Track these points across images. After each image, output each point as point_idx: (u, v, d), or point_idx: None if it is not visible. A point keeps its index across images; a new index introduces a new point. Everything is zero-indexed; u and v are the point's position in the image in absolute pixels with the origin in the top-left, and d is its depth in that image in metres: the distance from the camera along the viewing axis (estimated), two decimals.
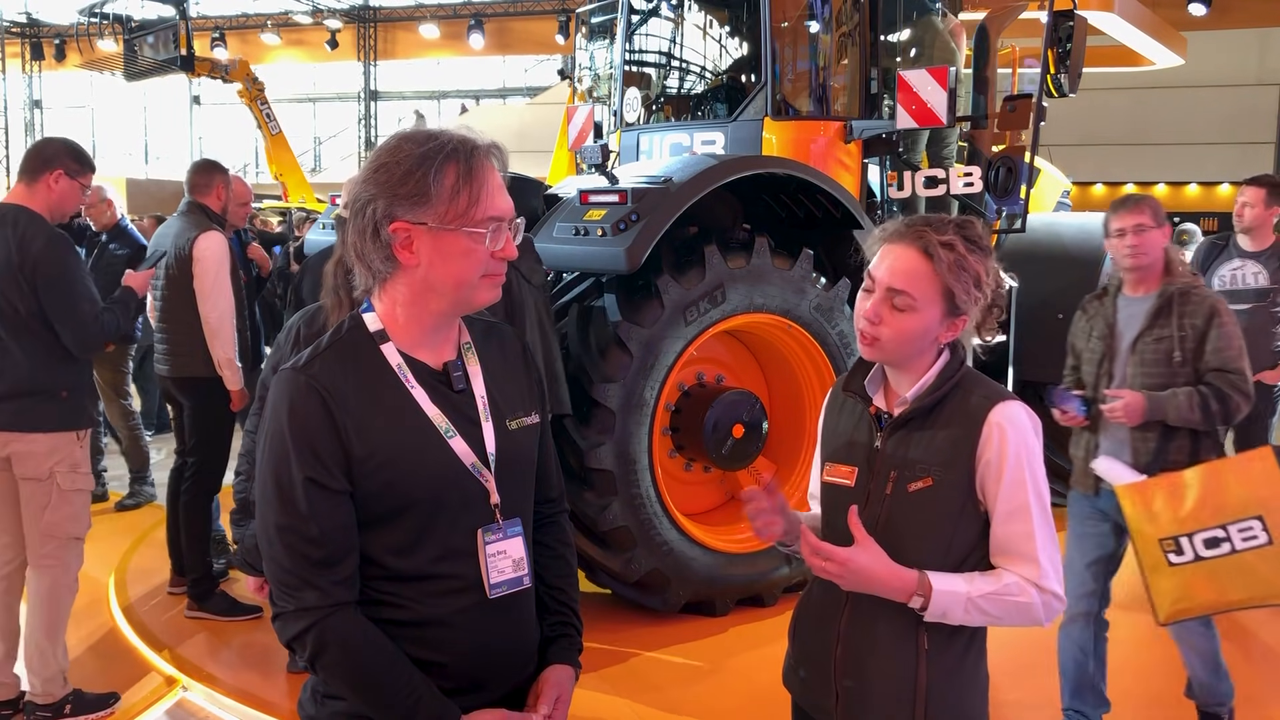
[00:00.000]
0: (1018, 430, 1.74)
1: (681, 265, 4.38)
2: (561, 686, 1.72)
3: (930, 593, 1.69)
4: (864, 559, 1.70)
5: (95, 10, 20.03)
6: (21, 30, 27.94)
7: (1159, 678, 4.15)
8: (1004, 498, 1.73)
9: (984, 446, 1.73)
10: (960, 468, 1.74)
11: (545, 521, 1.84)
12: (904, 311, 1.76)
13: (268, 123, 16.38)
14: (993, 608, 1.71)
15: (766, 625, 4.56)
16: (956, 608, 1.70)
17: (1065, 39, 5.29)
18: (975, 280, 1.77)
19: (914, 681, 1.76)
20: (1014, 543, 1.73)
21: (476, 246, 1.54)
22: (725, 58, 6.07)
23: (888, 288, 1.77)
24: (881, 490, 1.79)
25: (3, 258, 3.46)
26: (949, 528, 1.76)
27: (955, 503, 1.75)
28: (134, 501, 6.41)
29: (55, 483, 3.56)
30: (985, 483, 1.74)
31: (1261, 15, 18.29)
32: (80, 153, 3.67)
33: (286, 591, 1.53)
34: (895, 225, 1.83)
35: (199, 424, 4.71)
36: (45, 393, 3.53)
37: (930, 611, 1.70)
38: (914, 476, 1.76)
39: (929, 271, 1.75)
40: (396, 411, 1.57)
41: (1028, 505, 1.73)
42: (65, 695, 3.64)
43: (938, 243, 1.75)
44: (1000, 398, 1.77)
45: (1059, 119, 7.40)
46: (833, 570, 1.71)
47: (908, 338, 1.77)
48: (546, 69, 26.62)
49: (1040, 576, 1.72)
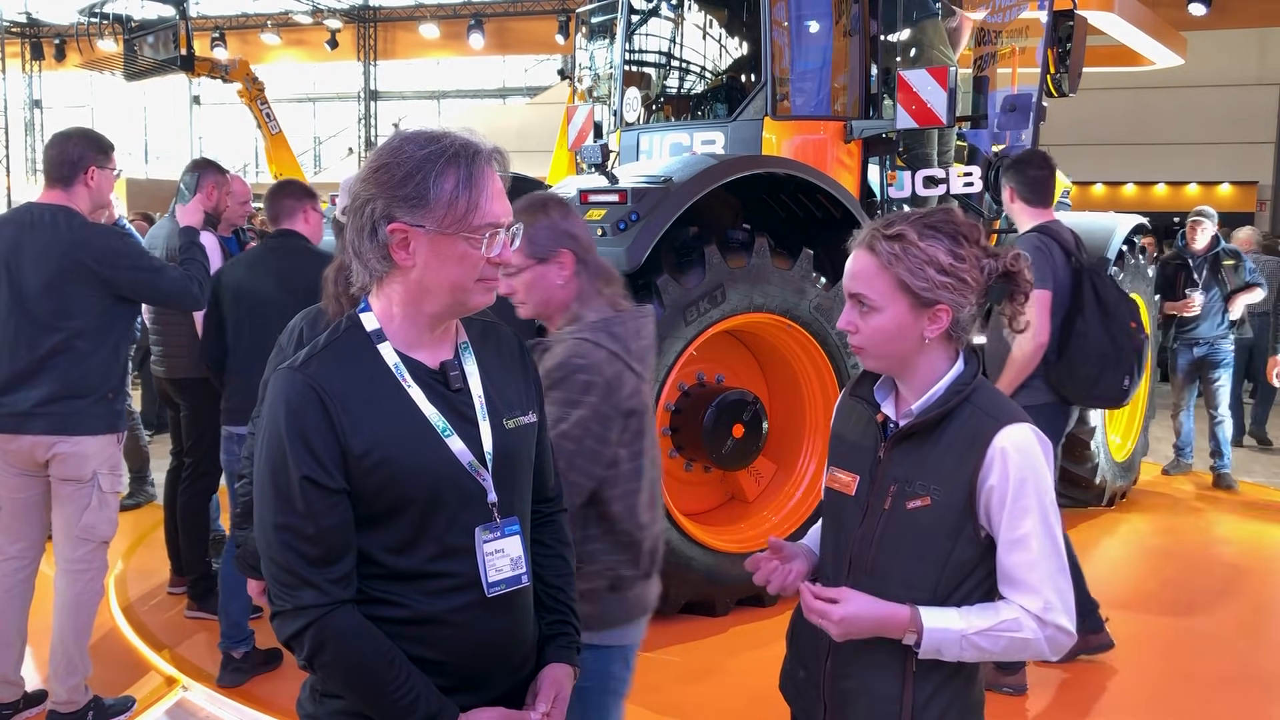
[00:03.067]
0: (1024, 456, 1.67)
1: (681, 265, 4.38)
2: (560, 685, 1.72)
3: (921, 630, 1.65)
4: (850, 607, 1.67)
5: (95, 10, 20.02)
6: (21, 30, 27.92)
7: (1160, 677, 4.15)
8: (1007, 525, 1.67)
9: (987, 471, 1.67)
10: (959, 490, 1.69)
11: (543, 521, 1.83)
12: (870, 312, 1.75)
13: (268, 122, 16.38)
14: (989, 644, 1.66)
15: (766, 625, 4.56)
16: (951, 645, 1.66)
17: (1065, 39, 5.29)
18: (934, 265, 1.69)
19: (899, 702, 1.73)
20: (1018, 572, 1.67)
21: (473, 252, 1.54)
22: (725, 58, 6.07)
23: (849, 293, 1.78)
24: (880, 504, 1.75)
25: (62, 261, 3.43)
26: (945, 548, 1.70)
27: (952, 524, 1.70)
28: (134, 501, 6.41)
29: (98, 484, 3.55)
30: (989, 509, 1.68)
31: (1261, 15, 18.27)
32: (100, 140, 3.67)
33: (284, 590, 1.53)
34: (857, 235, 1.81)
35: (196, 425, 4.70)
36: (94, 394, 3.51)
37: (924, 649, 1.67)
38: (913, 494, 1.71)
39: (877, 267, 1.73)
40: (394, 410, 1.57)
41: (1031, 534, 1.66)
42: (87, 703, 3.62)
43: (881, 237, 1.73)
44: (1009, 419, 1.70)
45: (1059, 119, 7.40)
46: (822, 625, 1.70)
47: (883, 338, 1.74)
48: (546, 69, 26.61)
49: (1044, 609, 1.65)
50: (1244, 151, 20.34)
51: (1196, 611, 4.86)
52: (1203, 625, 4.70)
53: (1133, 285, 6.39)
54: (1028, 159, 4.11)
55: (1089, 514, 6.33)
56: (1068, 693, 3.99)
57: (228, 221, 4.94)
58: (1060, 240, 3.82)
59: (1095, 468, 6.09)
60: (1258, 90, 20.58)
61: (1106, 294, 3.78)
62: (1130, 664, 4.18)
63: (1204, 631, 4.64)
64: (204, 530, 4.72)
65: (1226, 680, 4.13)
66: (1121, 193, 22.00)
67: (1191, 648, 4.46)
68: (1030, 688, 3.91)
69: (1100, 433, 6.05)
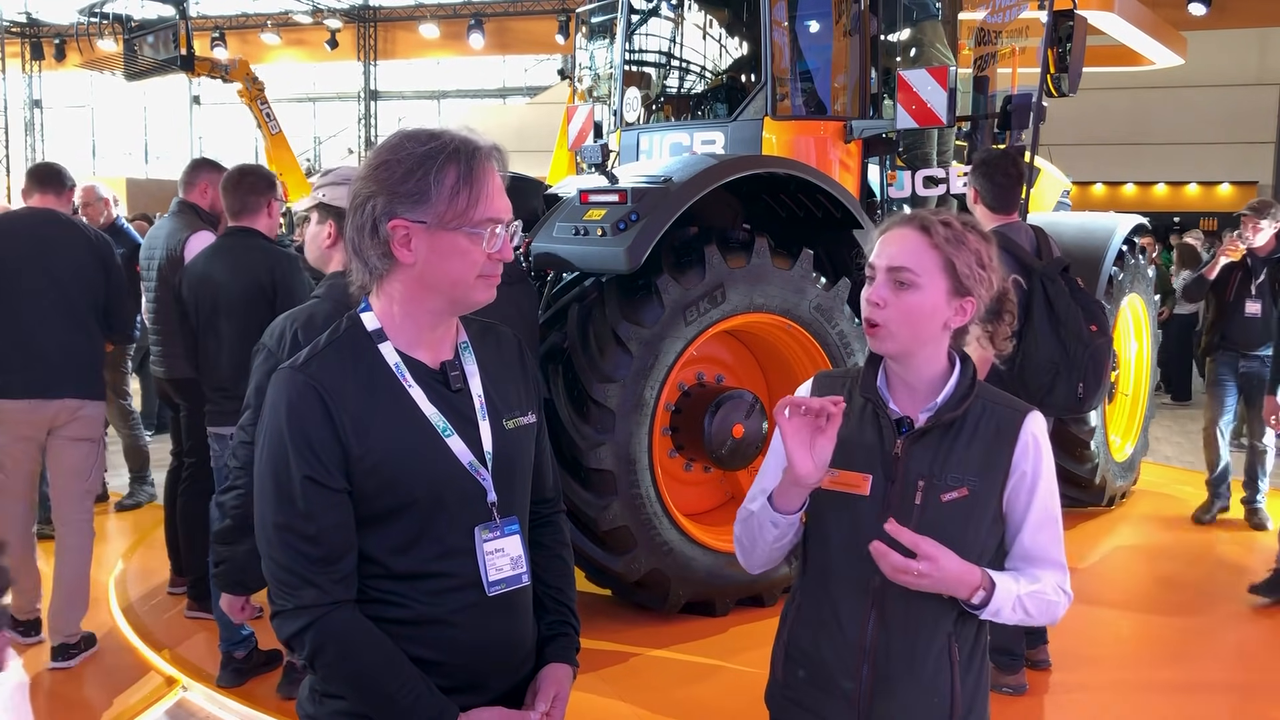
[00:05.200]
0: (1047, 442, 1.79)
1: (681, 265, 4.38)
2: (559, 685, 1.72)
3: (993, 589, 1.69)
4: (949, 560, 1.65)
5: (95, 10, 20.04)
6: (21, 30, 27.93)
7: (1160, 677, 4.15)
8: (1037, 507, 1.76)
9: (1020, 457, 1.75)
10: (995, 478, 1.75)
11: (542, 521, 1.84)
12: (907, 288, 1.73)
13: (268, 122, 16.36)
14: (1032, 606, 1.73)
15: (766, 625, 4.55)
16: (1007, 604, 1.71)
17: (1065, 39, 5.29)
18: (978, 258, 1.75)
19: (950, 692, 1.76)
20: (1045, 550, 1.77)
21: (474, 247, 1.55)
22: (725, 58, 6.07)
23: (888, 268, 1.75)
24: (910, 500, 1.73)
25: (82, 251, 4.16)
26: (982, 537, 1.76)
27: (990, 512, 1.75)
28: (134, 501, 6.41)
29: (104, 443, 4.37)
30: (1017, 493, 1.76)
31: (1261, 15, 18.28)
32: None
33: (285, 590, 1.53)
34: (892, 218, 1.84)
35: (196, 425, 4.70)
36: (100, 363, 4.31)
37: (989, 607, 1.71)
38: (947, 487, 1.73)
39: (927, 245, 1.74)
40: (394, 411, 1.57)
41: (1057, 514, 1.78)
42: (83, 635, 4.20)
43: (935, 220, 1.76)
44: (1027, 408, 1.79)
45: (1059, 119, 7.40)
46: (925, 571, 1.63)
47: (914, 318, 1.73)
48: (546, 69, 26.62)
49: (1064, 580, 1.78)
50: (1244, 151, 20.37)
51: (1196, 611, 4.85)
52: (1203, 625, 4.70)
53: (1133, 285, 6.40)
54: (997, 164, 3.96)
55: (1089, 514, 6.33)
56: (1067, 693, 3.99)
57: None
58: (1013, 248, 3.69)
59: (1095, 468, 6.09)
60: (1258, 90, 20.60)
61: (1057, 300, 3.68)
62: (1130, 664, 4.18)
63: (1204, 631, 4.63)
64: (204, 530, 4.70)
65: (1227, 681, 4.14)
66: (1121, 193, 22.02)
67: (1191, 648, 4.46)
68: (1030, 688, 3.91)
69: (1100, 433, 6.05)
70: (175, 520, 4.76)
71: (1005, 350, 1.86)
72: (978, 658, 1.82)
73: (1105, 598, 5.01)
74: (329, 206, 2.83)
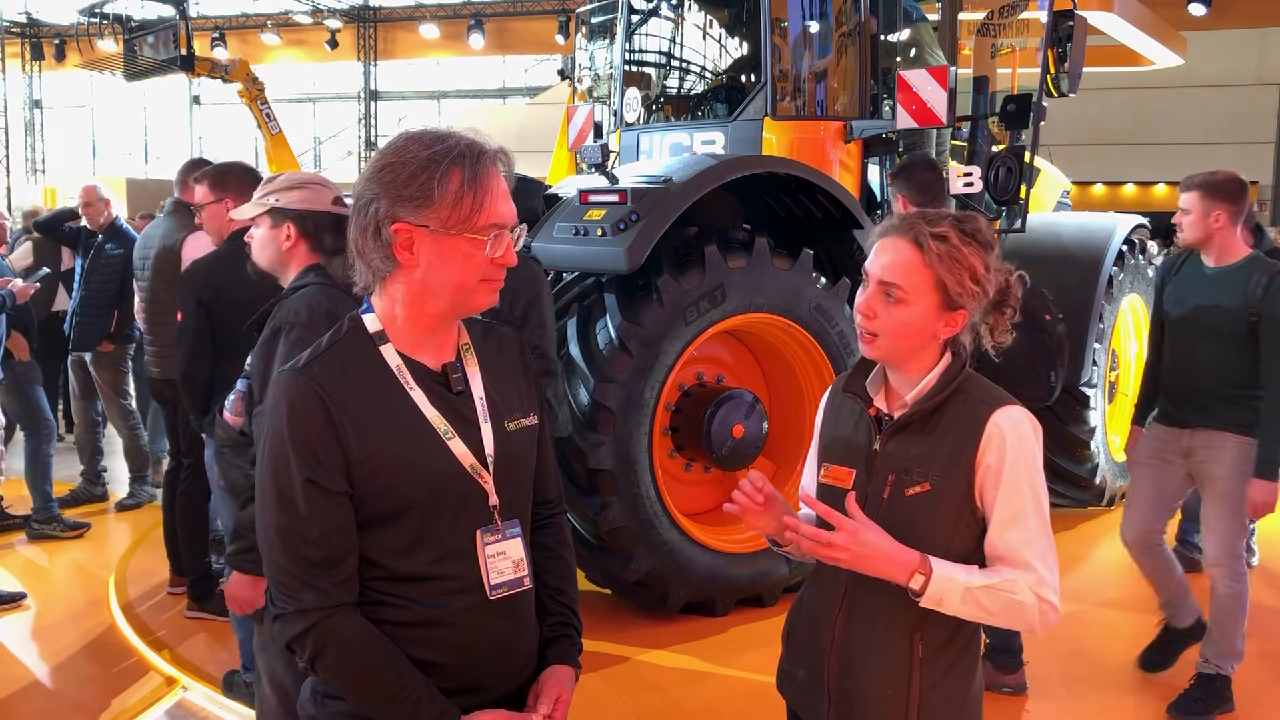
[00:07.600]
0: (1019, 435, 1.72)
1: (681, 265, 4.38)
2: (561, 687, 1.72)
3: (930, 574, 1.66)
4: (869, 533, 1.67)
5: (95, 10, 20.02)
6: (21, 30, 27.91)
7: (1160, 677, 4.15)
8: (1002, 503, 1.71)
9: (984, 451, 1.71)
10: (960, 472, 1.73)
11: (543, 523, 1.84)
12: (897, 304, 1.75)
13: (268, 123, 16.33)
14: (989, 601, 1.68)
15: (766, 625, 4.56)
16: (954, 595, 1.67)
17: (1065, 39, 5.29)
18: (970, 273, 1.74)
19: (907, 687, 1.75)
20: (1011, 549, 1.71)
21: (477, 252, 1.54)
22: (725, 58, 6.06)
23: (879, 280, 1.77)
24: (878, 494, 1.77)
25: None
26: (946, 533, 1.74)
27: (953, 507, 1.74)
28: (134, 501, 6.41)
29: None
30: (984, 488, 1.73)
31: (1261, 15, 18.28)
32: None
33: (286, 593, 1.53)
34: (892, 220, 1.83)
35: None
36: None
37: (928, 595, 1.67)
38: (912, 481, 1.74)
39: (919, 262, 1.74)
40: (395, 413, 1.57)
41: (1026, 511, 1.71)
42: None
43: (929, 234, 1.74)
44: (1002, 402, 1.75)
45: (1059, 119, 7.40)
46: (839, 544, 1.66)
47: (903, 331, 1.76)
48: (546, 69, 26.61)
49: (1036, 584, 1.68)
50: (1244, 151, 20.34)
51: None
52: None
53: (1133, 285, 6.40)
54: (912, 164, 4.04)
55: (1089, 514, 6.32)
56: (1067, 693, 3.99)
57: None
58: None
59: (1095, 468, 6.09)
60: (1257, 90, 20.61)
61: None
62: (1130, 664, 4.18)
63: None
64: (203, 530, 4.71)
65: None
66: (1121, 193, 22.02)
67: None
68: (1030, 688, 3.91)
69: (1100, 433, 6.05)
70: (174, 520, 4.75)
71: (1004, 342, 1.84)
72: (949, 656, 1.78)
73: (1105, 597, 5.01)
74: (283, 210, 2.75)
